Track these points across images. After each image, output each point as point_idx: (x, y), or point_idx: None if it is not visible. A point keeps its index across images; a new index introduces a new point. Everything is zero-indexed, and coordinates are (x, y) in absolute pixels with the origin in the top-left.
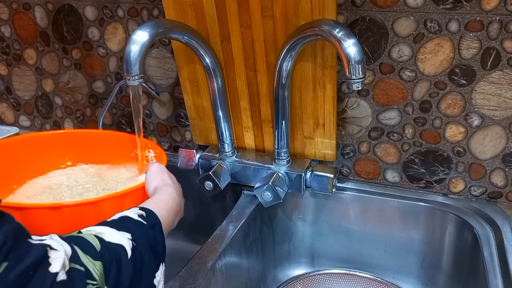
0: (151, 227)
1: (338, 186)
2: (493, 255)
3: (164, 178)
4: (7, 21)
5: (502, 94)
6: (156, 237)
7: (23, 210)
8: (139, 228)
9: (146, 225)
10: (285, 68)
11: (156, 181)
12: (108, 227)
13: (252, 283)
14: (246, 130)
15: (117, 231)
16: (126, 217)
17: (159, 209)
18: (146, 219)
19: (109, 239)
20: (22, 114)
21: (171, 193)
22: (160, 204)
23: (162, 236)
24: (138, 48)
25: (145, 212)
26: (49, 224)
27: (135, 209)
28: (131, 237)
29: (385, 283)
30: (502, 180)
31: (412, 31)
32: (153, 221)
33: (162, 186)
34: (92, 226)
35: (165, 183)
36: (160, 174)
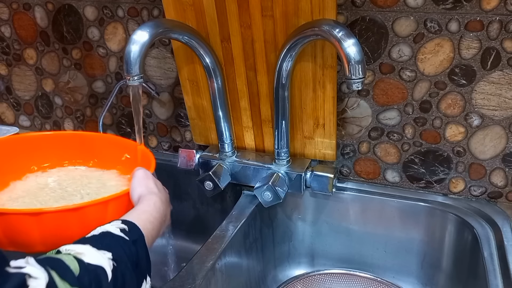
0: (133, 243)
1: (338, 186)
2: (493, 255)
3: (149, 185)
4: (7, 21)
5: (502, 94)
6: (139, 252)
7: (3, 216)
8: (121, 245)
9: (128, 241)
10: (285, 68)
11: (141, 188)
12: (88, 246)
13: (252, 283)
14: (246, 130)
15: (97, 250)
16: (107, 233)
17: (142, 221)
18: (128, 233)
19: (88, 261)
20: (22, 114)
21: (155, 202)
22: (143, 216)
23: (145, 250)
24: (138, 48)
25: (127, 226)
26: (30, 230)
27: (117, 223)
28: (111, 256)
29: (385, 283)
30: (502, 180)
31: (412, 31)
32: (136, 236)
33: (147, 194)
34: (72, 245)
35: (149, 191)
36: (144, 181)
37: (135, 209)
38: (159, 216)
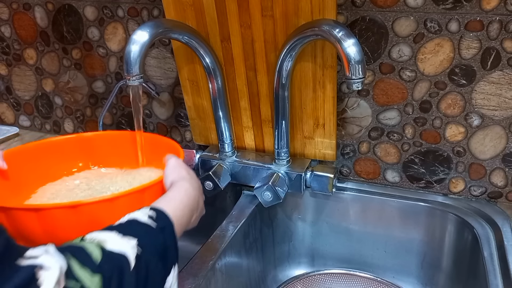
0: (161, 230)
1: (338, 186)
2: (493, 255)
3: (181, 173)
4: (7, 21)
5: (502, 94)
6: (166, 240)
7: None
8: (147, 232)
9: (155, 228)
10: (285, 68)
11: (173, 175)
12: (113, 233)
13: (252, 283)
14: (246, 130)
15: (122, 236)
16: (134, 220)
17: (172, 208)
18: (156, 220)
19: (111, 248)
20: (22, 114)
21: (186, 189)
22: (173, 202)
23: (173, 238)
24: (138, 48)
25: (155, 213)
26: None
27: (146, 209)
28: (136, 243)
29: (385, 283)
30: (502, 180)
31: (412, 31)
32: (164, 223)
33: (178, 181)
34: (97, 232)
35: (181, 178)
36: (177, 169)
37: (165, 196)
38: (190, 202)
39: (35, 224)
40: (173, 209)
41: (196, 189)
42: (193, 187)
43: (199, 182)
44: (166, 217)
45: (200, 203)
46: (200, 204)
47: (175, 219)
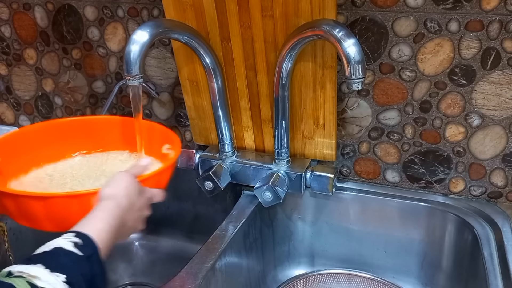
0: (88, 259)
1: (338, 186)
2: (493, 255)
3: (117, 188)
4: (7, 21)
5: (502, 94)
6: (94, 269)
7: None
8: (75, 263)
9: (82, 257)
10: (285, 68)
11: (108, 188)
12: (41, 268)
13: (252, 283)
14: (246, 130)
15: (50, 272)
16: (59, 250)
17: (98, 231)
18: (82, 248)
19: (42, 285)
20: (22, 114)
21: (112, 209)
22: (99, 225)
23: (100, 265)
24: (138, 48)
25: (81, 240)
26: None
27: (70, 236)
28: (65, 279)
29: (385, 283)
30: (502, 180)
31: (412, 31)
32: (90, 251)
33: (106, 199)
34: (24, 265)
35: (111, 195)
36: (115, 183)
37: (91, 216)
38: (116, 223)
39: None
40: (98, 233)
41: (123, 208)
42: (120, 208)
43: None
44: (91, 243)
45: (127, 224)
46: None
47: (101, 243)
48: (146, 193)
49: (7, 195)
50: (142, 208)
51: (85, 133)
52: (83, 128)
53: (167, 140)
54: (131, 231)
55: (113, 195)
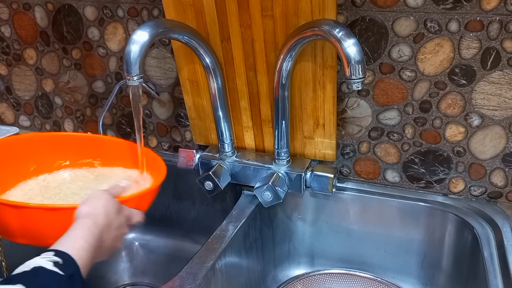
0: (69, 278)
1: (338, 186)
2: (493, 255)
3: (95, 206)
4: (7, 21)
5: (502, 94)
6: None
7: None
8: (56, 283)
9: (63, 276)
10: (285, 68)
11: (85, 206)
12: (20, 287)
13: (252, 283)
14: (246, 130)
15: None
16: (39, 269)
17: (77, 250)
18: (62, 267)
19: None
20: (22, 114)
21: (90, 227)
22: (78, 243)
23: (82, 284)
24: (138, 48)
25: (61, 259)
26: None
27: (50, 255)
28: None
29: (385, 283)
30: (502, 180)
31: (412, 31)
32: (71, 270)
33: (83, 217)
34: (3, 286)
35: (89, 213)
36: (94, 200)
37: (68, 235)
38: (94, 241)
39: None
40: (78, 251)
41: (100, 227)
42: (97, 225)
43: (109, 218)
44: (72, 262)
45: (106, 242)
46: (106, 244)
47: (81, 262)
48: (124, 212)
49: None
50: (121, 227)
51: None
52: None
53: (155, 164)
54: (110, 250)
55: (90, 213)
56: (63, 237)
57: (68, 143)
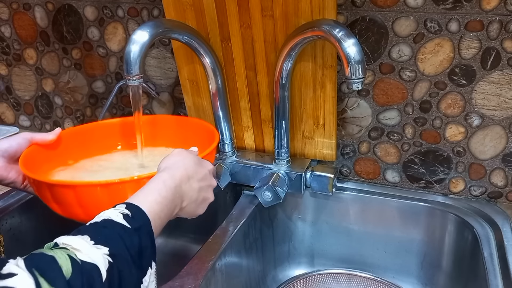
0: (136, 230)
1: (338, 186)
2: (493, 255)
3: (172, 161)
4: (7, 21)
5: (502, 94)
6: (142, 241)
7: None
8: (121, 236)
9: (129, 229)
10: (285, 68)
11: (164, 162)
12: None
13: (252, 283)
14: (246, 130)
15: (94, 244)
16: (108, 221)
17: (149, 202)
18: (131, 220)
19: (83, 258)
20: (22, 114)
21: (165, 180)
22: (151, 196)
23: (149, 238)
24: (138, 48)
25: (131, 212)
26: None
27: (121, 207)
28: (108, 252)
29: (385, 283)
30: (502, 180)
31: (412, 31)
32: (139, 222)
33: (161, 171)
34: (70, 236)
35: (165, 167)
36: (171, 157)
37: (144, 188)
38: (169, 194)
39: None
40: (150, 205)
41: (179, 179)
42: (175, 178)
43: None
44: (142, 214)
45: (187, 194)
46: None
47: (152, 215)
48: (206, 165)
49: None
50: (205, 179)
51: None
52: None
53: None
54: (199, 203)
55: (168, 167)
56: (139, 191)
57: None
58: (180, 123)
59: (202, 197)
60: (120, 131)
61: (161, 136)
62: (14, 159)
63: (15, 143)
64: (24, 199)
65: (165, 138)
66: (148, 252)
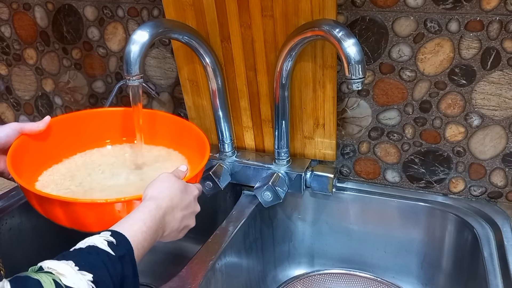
0: (120, 259)
1: (338, 186)
2: (493, 255)
3: (160, 189)
4: (7, 21)
5: (502, 94)
6: (124, 269)
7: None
8: (105, 263)
9: (113, 257)
10: (285, 68)
11: (150, 189)
12: (70, 265)
13: (252, 283)
14: (246, 130)
15: (79, 270)
16: (93, 248)
17: (134, 232)
18: (115, 248)
19: (67, 283)
20: (22, 114)
21: (151, 210)
22: (136, 225)
23: (131, 266)
24: (138, 48)
25: (115, 239)
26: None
27: (106, 235)
28: (92, 278)
29: (385, 283)
30: (502, 180)
31: (412, 31)
32: (123, 251)
33: (147, 200)
34: (54, 261)
35: (152, 196)
36: (158, 183)
37: (130, 217)
38: (153, 224)
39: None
40: (134, 233)
41: (164, 210)
42: (161, 209)
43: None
44: (126, 243)
45: (170, 224)
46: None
47: (136, 244)
48: (191, 191)
49: (33, 194)
50: (188, 207)
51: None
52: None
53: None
54: (179, 231)
55: (154, 197)
56: (125, 218)
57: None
58: (176, 124)
59: (184, 225)
60: (110, 121)
61: (155, 134)
62: (3, 151)
63: (3, 134)
64: (24, 199)
65: (160, 136)
66: (129, 282)
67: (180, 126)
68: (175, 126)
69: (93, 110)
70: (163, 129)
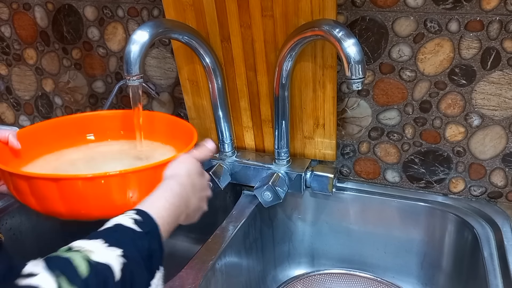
0: (146, 234)
1: (338, 186)
2: (493, 255)
3: (177, 169)
4: (7, 21)
5: (502, 94)
6: (151, 245)
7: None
8: (132, 239)
9: (140, 233)
10: (285, 68)
11: (170, 169)
12: (99, 242)
13: (252, 283)
14: (246, 130)
15: (108, 247)
16: (119, 226)
17: (157, 208)
18: (141, 224)
19: (97, 259)
20: (22, 114)
21: (172, 188)
22: (158, 203)
23: (158, 242)
24: (138, 48)
25: (141, 217)
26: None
27: (132, 213)
28: (122, 253)
29: (385, 283)
30: (502, 180)
31: (412, 31)
32: (149, 227)
33: (167, 178)
34: (84, 240)
35: (173, 175)
36: (178, 164)
37: (152, 195)
38: (176, 201)
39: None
40: (158, 210)
41: (185, 187)
42: (182, 186)
43: (193, 179)
44: (151, 220)
45: (191, 201)
46: (192, 203)
47: (160, 221)
48: (206, 176)
49: (21, 177)
50: (204, 189)
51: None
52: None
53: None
54: (197, 211)
55: (175, 175)
56: (148, 197)
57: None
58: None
59: (200, 206)
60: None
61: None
62: None
63: None
64: None
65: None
66: (156, 256)
67: (168, 121)
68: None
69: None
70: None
